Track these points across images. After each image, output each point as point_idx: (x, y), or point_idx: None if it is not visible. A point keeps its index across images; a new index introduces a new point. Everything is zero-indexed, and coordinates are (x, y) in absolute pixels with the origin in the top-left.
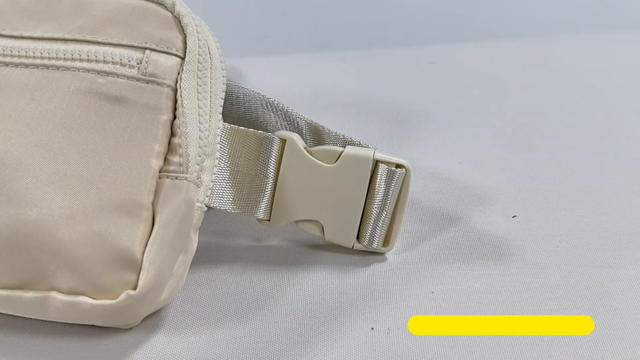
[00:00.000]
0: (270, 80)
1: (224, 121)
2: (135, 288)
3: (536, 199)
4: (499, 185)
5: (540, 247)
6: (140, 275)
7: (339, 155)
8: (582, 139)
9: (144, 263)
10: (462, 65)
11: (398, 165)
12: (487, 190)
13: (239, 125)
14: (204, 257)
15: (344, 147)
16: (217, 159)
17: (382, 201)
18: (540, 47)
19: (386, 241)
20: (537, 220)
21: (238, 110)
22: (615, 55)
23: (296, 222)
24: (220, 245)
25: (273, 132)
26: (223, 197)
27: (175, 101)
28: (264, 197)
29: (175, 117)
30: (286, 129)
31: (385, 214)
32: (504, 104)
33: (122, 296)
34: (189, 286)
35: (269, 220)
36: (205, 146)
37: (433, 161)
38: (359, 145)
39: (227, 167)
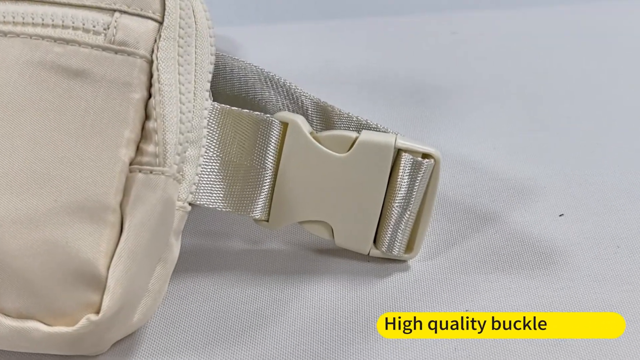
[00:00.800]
0: (271, 51)
1: (214, 99)
2: (98, 311)
3: (588, 193)
4: (542, 176)
5: (595, 254)
6: (105, 296)
7: (353, 142)
8: None
9: (109, 280)
10: (490, 35)
11: (425, 155)
12: (527, 183)
13: (234, 104)
14: (189, 265)
15: (359, 132)
16: (203, 147)
17: (405, 199)
18: (577, 12)
19: (409, 247)
20: (590, 220)
21: (232, 87)
22: None
23: (300, 223)
24: (208, 249)
25: (274, 112)
26: (212, 194)
27: (151, 76)
28: (261, 193)
29: (150, 96)
30: (289, 110)
31: (409, 214)
32: (543, 79)
33: (82, 322)
34: (170, 301)
35: (267, 221)
36: (188, 131)
37: (462, 147)
38: (377, 129)
39: (217, 156)
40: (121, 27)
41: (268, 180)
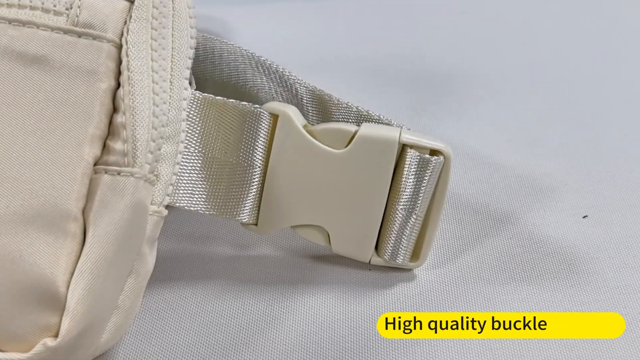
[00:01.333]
0: (264, 34)
1: (202, 87)
2: (56, 335)
3: (614, 192)
4: (563, 172)
5: (623, 261)
6: (64, 317)
7: (352, 137)
8: None
9: (69, 299)
10: (504, 14)
11: (433, 151)
12: (547, 180)
13: (223, 92)
14: (168, 273)
15: (359, 124)
16: (182, 142)
17: (410, 200)
18: None
19: (415, 254)
20: (617, 222)
21: (222, 73)
22: None
23: (293, 227)
24: (190, 255)
25: (266, 101)
26: (192, 195)
27: (120, 62)
28: (248, 193)
29: (119, 86)
30: (282, 99)
31: (415, 218)
32: (561, 63)
33: (37, 348)
34: (146, 316)
35: (255, 225)
36: (163, 126)
37: (473, 140)
38: (379, 121)
39: (198, 153)
40: (86, 6)
41: (256, 180)
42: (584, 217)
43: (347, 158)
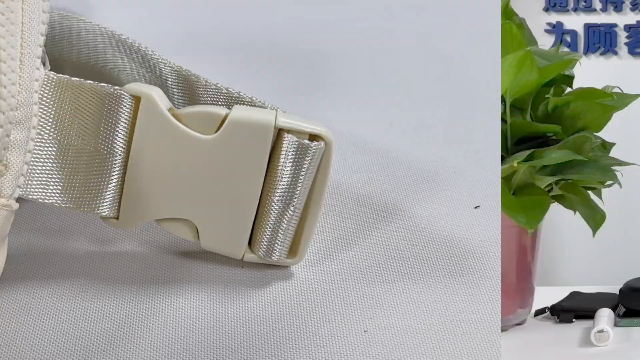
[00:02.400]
0: (126, 12)
1: (60, 69)
2: None
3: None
4: (452, 158)
5: None
6: None
7: (222, 121)
8: None
9: None
10: None
11: (313, 136)
12: (434, 167)
13: (82, 75)
14: (21, 271)
15: (230, 107)
16: (35, 128)
17: (287, 191)
18: None
19: (293, 250)
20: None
21: (79, 53)
22: None
23: (157, 221)
24: (45, 251)
25: (125, 84)
26: (47, 186)
27: None
28: (108, 184)
29: None
30: (145, 80)
31: (293, 210)
32: (456, 38)
33: None
34: None
35: (117, 219)
36: (12, 110)
37: (353, 123)
38: (252, 103)
39: (53, 140)
40: None
41: (117, 169)
42: (476, 207)
43: (217, 144)
